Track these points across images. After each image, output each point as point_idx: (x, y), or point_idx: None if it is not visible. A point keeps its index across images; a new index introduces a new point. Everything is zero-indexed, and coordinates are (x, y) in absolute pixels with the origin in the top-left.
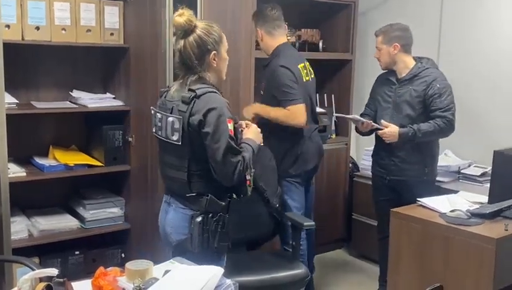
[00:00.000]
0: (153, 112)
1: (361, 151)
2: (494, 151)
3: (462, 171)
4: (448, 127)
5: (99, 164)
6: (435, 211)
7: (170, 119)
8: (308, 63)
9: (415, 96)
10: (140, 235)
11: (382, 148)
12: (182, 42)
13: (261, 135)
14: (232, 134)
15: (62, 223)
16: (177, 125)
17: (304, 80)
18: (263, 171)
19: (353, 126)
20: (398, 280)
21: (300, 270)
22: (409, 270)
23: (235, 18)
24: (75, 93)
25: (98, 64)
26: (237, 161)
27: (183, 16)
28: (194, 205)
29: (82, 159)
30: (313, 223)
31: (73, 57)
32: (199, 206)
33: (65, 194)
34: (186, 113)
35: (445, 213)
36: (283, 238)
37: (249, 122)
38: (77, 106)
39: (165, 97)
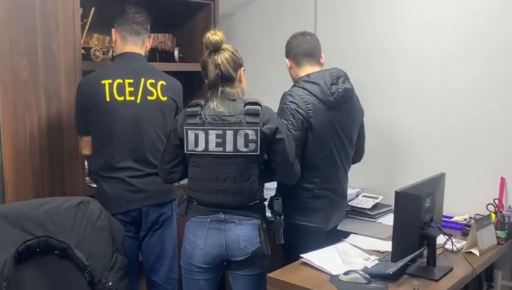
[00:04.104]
0: (190, 131)
1: None
2: (396, 193)
3: (350, 203)
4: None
5: None
6: (324, 272)
7: (242, 132)
8: (150, 80)
9: None
10: None
11: None
12: (220, 57)
13: None
14: None
15: None
16: (253, 137)
17: (109, 99)
18: (86, 235)
19: None
20: None
21: None
22: None
23: (48, 18)
24: None
25: None
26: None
27: (217, 35)
28: (256, 212)
29: None
30: None
31: None
32: (260, 212)
33: None
34: (260, 123)
35: (337, 276)
36: None
37: None
38: None
39: (205, 115)
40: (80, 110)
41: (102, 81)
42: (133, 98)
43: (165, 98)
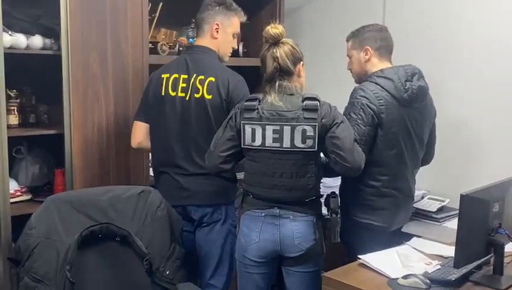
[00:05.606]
0: (247, 126)
1: None
2: (461, 196)
3: (415, 205)
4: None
5: None
6: (382, 274)
7: (300, 127)
8: (200, 76)
9: None
10: None
11: None
12: (279, 50)
13: None
14: None
15: None
16: (311, 133)
17: (163, 94)
18: (146, 224)
19: None
20: None
21: None
22: None
23: (117, 13)
24: None
25: None
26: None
27: (277, 28)
28: (312, 208)
29: None
30: None
31: None
32: (316, 209)
33: None
34: (318, 119)
35: (396, 280)
36: None
37: None
38: None
39: (262, 109)
40: (144, 99)
41: (162, 75)
42: (183, 94)
43: (209, 96)
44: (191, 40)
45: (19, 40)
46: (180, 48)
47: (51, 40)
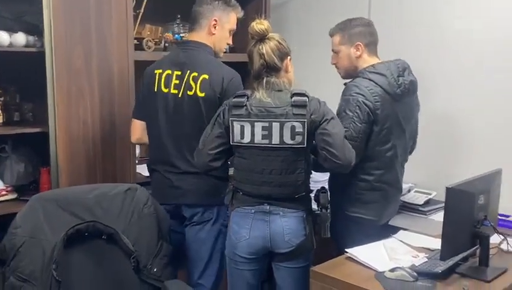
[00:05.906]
0: (235, 123)
1: None
2: (447, 189)
3: (401, 198)
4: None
5: None
6: (369, 268)
7: (289, 124)
8: (194, 73)
9: None
10: None
11: None
12: (265, 46)
13: None
14: None
15: None
16: (300, 129)
17: (156, 90)
18: (132, 221)
19: None
20: None
21: None
22: None
23: (102, 8)
24: None
25: None
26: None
27: (263, 24)
28: (302, 204)
29: None
30: None
31: None
32: (306, 205)
33: None
34: (307, 115)
35: (383, 273)
36: None
37: None
38: None
39: (251, 106)
40: (138, 95)
41: (155, 71)
42: (176, 91)
43: (202, 94)
44: (176, 36)
45: (2, 37)
46: (166, 44)
47: (34, 37)
